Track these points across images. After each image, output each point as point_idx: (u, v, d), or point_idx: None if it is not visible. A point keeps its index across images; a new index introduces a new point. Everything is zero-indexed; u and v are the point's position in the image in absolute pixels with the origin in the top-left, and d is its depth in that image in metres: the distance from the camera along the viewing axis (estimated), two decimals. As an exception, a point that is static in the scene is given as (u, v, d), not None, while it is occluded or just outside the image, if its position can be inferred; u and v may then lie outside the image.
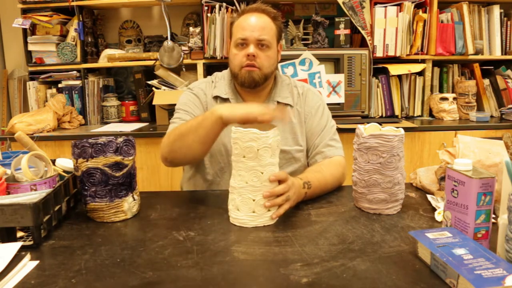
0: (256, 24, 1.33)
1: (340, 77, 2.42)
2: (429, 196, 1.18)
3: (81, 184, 1.05)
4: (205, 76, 2.49)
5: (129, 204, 1.08)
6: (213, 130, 1.15)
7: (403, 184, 1.09)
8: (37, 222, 0.90)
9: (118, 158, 1.04)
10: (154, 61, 2.55)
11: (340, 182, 1.32)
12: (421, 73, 2.56)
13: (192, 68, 2.59)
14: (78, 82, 2.58)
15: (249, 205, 1.01)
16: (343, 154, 1.40)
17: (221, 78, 1.46)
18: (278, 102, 1.42)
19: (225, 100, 1.41)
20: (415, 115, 2.59)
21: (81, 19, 2.56)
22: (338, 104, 2.44)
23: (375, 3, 2.46)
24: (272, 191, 1.02)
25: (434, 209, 1.10)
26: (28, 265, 0.83)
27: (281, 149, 1.35)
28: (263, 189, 1.01)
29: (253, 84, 1.35)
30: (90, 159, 1.02)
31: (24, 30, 2.52)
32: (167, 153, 1.26)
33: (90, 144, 1.01)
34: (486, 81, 2.61)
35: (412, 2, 2.47)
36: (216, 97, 1.42)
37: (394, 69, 2.45)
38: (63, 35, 2.61)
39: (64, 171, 1.20)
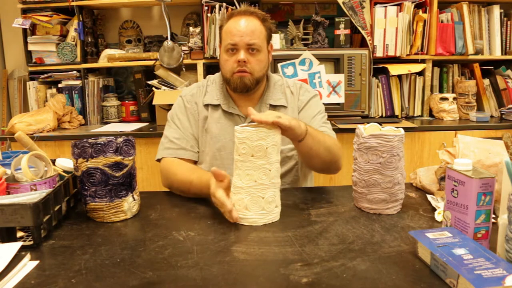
0: (245, 28, 1.31)
1: (340, 77, 2.42)
2: (429, 196, 1.18)
3: (81, 184, 1.05)
4: (205, 76, 2.49)
5: (129, 204, 1.08)
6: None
7: (403, 184, 1.09)
8: (37, 222, 0.90)
9: (118, 158, 1.04)
10: (154, 61, 2.55)
11: (337, 153, 1.28)
12: (421, 73, 2.56)
13: (192, 68, 2.59)
14: (78, 82, 2.58)
15: (258, 203, 1.02)
16: (336, 137, 1.38)
17: (213, 82, 1.46)
18: (270, 105, 1.41)
19: (216, 106, 1.41)
20: (415, 115, 2.59)
21: (81, 19, 2.56)
22: (338, 104, 2.44)
23: (375, 3, 2.46)
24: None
25: (434, 209, 1.10)
26: (28, 265, 0.83)
27: None
28: (271, 187, 1.03)
29: (245, 90, 1.35)
30: (90, 159, 1.02)
31: (24, 30, 2.52)
32: (167, 187, 1.34)
33: (90, 144, 1.01)
34: (486, 81, 2.61)
35: (412, 2, 2.47)
36: (207, 105, 1.42)
37: (394, 69, 2.45)
38: (63, 35, 2.61)
39: (64, 171, 1.20)
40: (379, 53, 2.47)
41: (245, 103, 1.41)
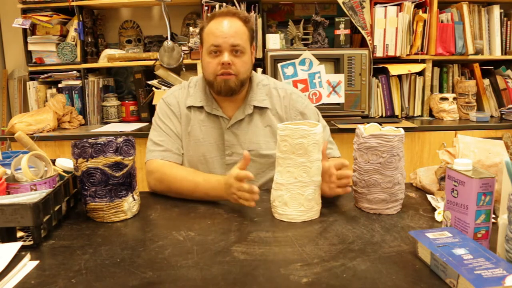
0: (228, 29, 1.28)
1: (340, 77, 2.42)
2: (429, 196, 1.18)
3: (81, 184, 1.05)
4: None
5: (129, 204, 1.08)
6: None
7: (403, 184, 1.09)
8: (37, 222, 0.90)
9: (118, 158, 1.04)
10: (154, 61, 2.55)
11: None
12: (421, 73, 2.56)
13: (192, 68, 2.59)
14: (78, 82, 2.58)
15: (298, 200, 1.03)
16: (340, 154, 1.42)
17: (195, 84, 1.42)
18: (255, 106, 1.37)
19: (199, 108, 1.38)
20: (415, 115, 2.59)
21: (81, 19, 2.56)
22: (338, 104, 2.44)
23: (375, 3, 2.46)
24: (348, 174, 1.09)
25: (434, 209, 1.10)
26: (28, 265, 0.83)
27: (263, 153, 1.36)
28: (311, 184, 1.04)
29: (230, 92, 1.32)
30: (90, 159, 1.02)
31: (24, 30, 2.52)
32: (155, 190, 1.31)
33: (90, 144, 1.01)
34: (486, 81, 2.61)
35: (412, 2, 2.47)
36: (190, 107, 1.38)
37: (394, 69, 2.45)
38: (63, 35, 2.61)
39: (64, 171, 1.20)
40: (379, 53, 2.47)
41: (229, 104, 1.38)
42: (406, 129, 2.32)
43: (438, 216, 1.04)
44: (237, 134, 1.37)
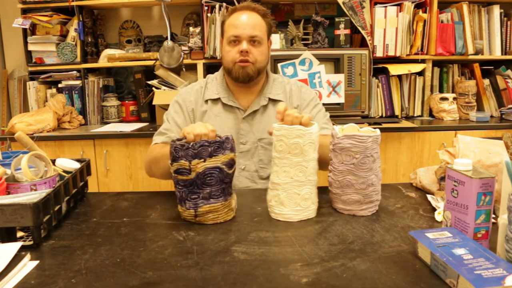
0: (248, 21, 1.38)
1: (340, 77, 2.42)
2: (429, 196, 1.18)
3: (191, 187, 1.01)
4: (204, 76, 2.48)
5: (235, 201, 1.08)
6: None
7: (379, 186, 1.08)
8: (37, 222, 0.90)
9: (232, 154, 1.04)
10: (154, 61, 2.55)
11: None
12: (421, 73, 2.56)
13: (192, 68, 2.59)
14: (78, 82, 2.58)
15: (294, 200, 1.04)
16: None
17: (213, 79, 1.50)
18: (269, 99, 1.46)
19: (216, 100, 1.45)
20: (415, 115, 2.59)
21: (81, 19, 2.56)
22: (338, 104, 2.44)
23: (375, 3, 2.46)
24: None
25: (434, 209, 1.10)
26: (28, 265, 0.83)
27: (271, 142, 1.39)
28: (307, 184, 1.05)
29: (247, 79, 1.40)
30: (209, 158, 1.00)
31: (24, 30, 2.52)
32: (147, 170, 1.38)
33: (209, 143, 1.00)
34: (486, 81, 2.61)
35: (412, 2, 2.47)
36: (207, 100, 1.46)
37: (394, 69, 2.45)
38: (63, 35, 2.61)
39: (64, 171, 1.19)
40: (379, 53, 2.47)
41: (245, 96, 1.46)
42: (406, 129, 2.35)
43: (438, 216, 1.04)
44: (251, 123, 1.44)
